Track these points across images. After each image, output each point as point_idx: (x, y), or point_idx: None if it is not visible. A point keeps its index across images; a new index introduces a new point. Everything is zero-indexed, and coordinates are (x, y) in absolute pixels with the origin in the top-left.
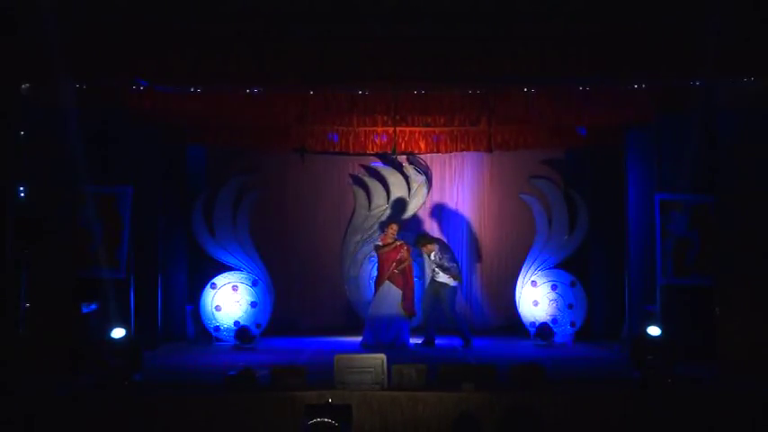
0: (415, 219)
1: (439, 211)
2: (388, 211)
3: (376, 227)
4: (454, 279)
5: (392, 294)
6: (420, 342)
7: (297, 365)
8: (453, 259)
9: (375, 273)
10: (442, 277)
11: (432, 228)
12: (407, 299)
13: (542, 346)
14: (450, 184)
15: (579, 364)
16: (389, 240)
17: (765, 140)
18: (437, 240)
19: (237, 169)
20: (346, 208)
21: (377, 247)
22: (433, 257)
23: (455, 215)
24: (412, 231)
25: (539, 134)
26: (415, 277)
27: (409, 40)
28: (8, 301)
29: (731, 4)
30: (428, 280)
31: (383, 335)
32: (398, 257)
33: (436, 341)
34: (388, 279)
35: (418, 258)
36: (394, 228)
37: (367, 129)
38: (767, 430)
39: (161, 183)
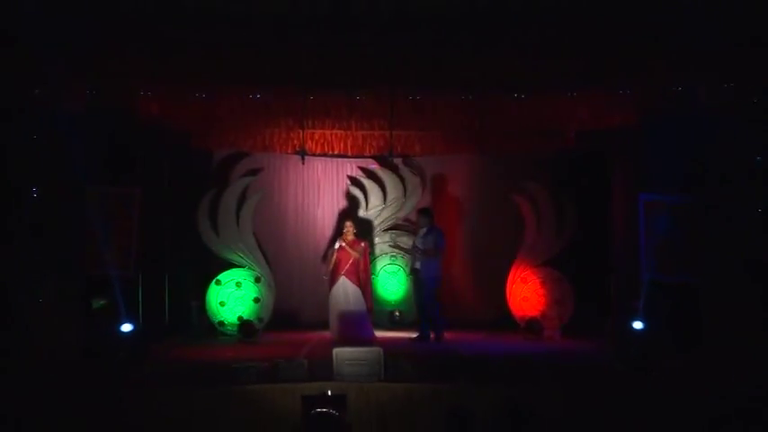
0: (411, 218)
1: (433, 211)
2: (385, 211)
3: (373, 225)
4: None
5: (350, 289)
6: (415, 336)
7: (297, 358)
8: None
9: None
10: (419, 264)
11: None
12: (367, 294)
13: (532, 339)
14: (443, 186)
15: (567, 356)
16: (350, 239)
17: (743, 143)
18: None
19: (241, 171)
20: (345, 207)
21: (336, 250)
22: (422, 236)
23: (448, 215)
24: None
25: (528, 138)
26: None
27: (405, 49)
28: (21, 297)
29: (710, 15)
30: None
31: (347, 329)
32: (350, 255)
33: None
34: (344, 275)
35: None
36: (350, 226)
37: (364, 132)
38: (747, 419)
39: (168, 184)
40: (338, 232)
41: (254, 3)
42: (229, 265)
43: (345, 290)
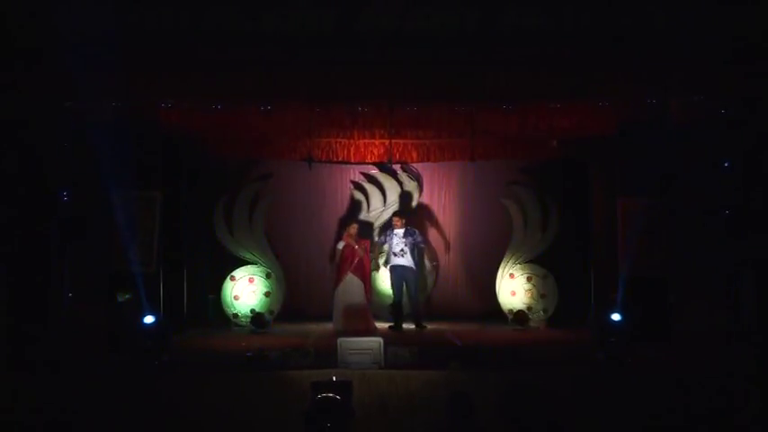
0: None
1: (429, 212)
2: (385, 213)
3: (374, 225)
4: (416, 261)
5: (356, 285)
6: (389, 326)
7: (305, 347)
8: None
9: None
10: (404, 260)
11: (422, 227)
12: (367, 289)
13: (519, 330)
14: (438, 189)
15: (551, 345)
16: (350, 240)
17: (712, 150)
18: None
19: (253, 176)
20: (348, 210)
21: (339, 250)
22: (402, 236)
23: (443, 216)
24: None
25: (516, 145)
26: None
27: (403, 64)
28: (53, 292)
29: (681, 34)
30: (389, 264)
31: (352, 321)
32: (360, 253)
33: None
34: (351, 272)
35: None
36: (354, 228)
37: (366, 141)
38: (712, 402)
39: (187, 187)
40: (342, 232)
41: (265, 24)
42: (243, 262)
43: (352, 286)
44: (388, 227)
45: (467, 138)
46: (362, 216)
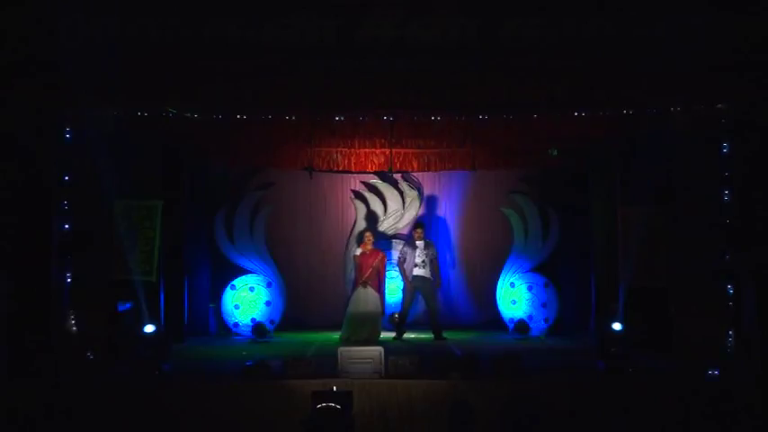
0: (409, 228)
1: (429, 222)
2: (386, 222)
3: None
4: (436, 276)
5: (370, 295)
6: (394, 336)
7: (305, 357)
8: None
9: (352, 275)
10: (423, 272)
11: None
12: (382, 300)
13: (520, 339)
14: (439, 198)
15: (552, 354)
16: (369, 247)
17: (711, 158)
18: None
19: (254, 185)
20: (348, 219)
21: (356, 256)
22: (423, 248)
23: (443, 225)
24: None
25: (516, 155)
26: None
27: (403, 74)
28: (54, 301)
29: (681, 44)
30: (410, 275)
31: (360, 330)
32: (375, 263)
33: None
34: (368, 282)
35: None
36: (370, 235)
37: (367, 150)
38: (713, 412)
39: (188, 197)
40: (343, 241)
41: (266, 34)
42: (243, 271)
43: (366, 294)
44: (406, 239)
45: (467, 147)
46: (362, 225)
